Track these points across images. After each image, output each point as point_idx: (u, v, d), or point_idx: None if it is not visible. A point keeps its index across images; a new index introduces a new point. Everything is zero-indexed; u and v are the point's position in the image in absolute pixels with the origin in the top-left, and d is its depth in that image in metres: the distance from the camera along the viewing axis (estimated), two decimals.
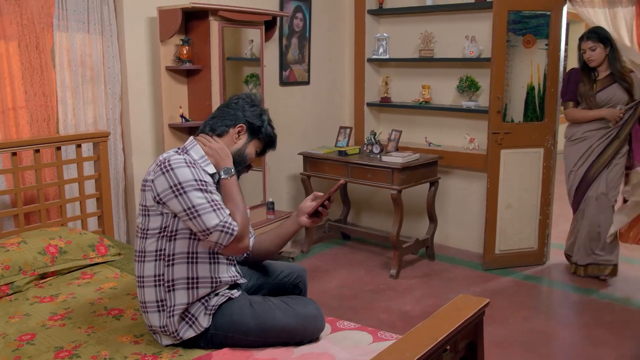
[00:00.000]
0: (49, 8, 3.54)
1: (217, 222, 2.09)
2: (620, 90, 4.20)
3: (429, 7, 5.07)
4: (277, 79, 5.06)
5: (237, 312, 2.24)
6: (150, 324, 2.27)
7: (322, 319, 2.35)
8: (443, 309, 2.09)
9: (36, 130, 3.55)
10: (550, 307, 4.09)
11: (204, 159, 2.25)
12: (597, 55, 4.19)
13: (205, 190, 2.12)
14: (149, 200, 2.18)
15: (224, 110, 2.35)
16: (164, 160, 2.15)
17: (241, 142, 2.33)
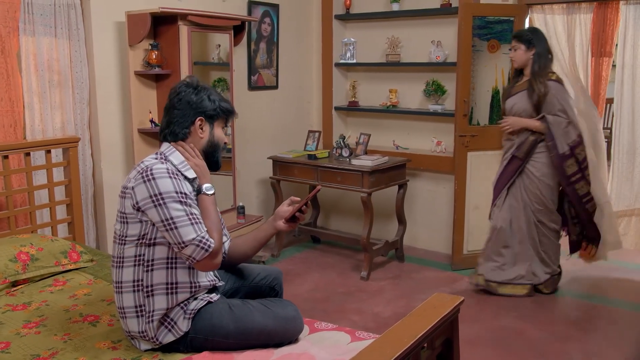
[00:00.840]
0: (14, 12, 3.49)
1: (194, 237, 2.10)
2: (525, 100, 4.03)
3: (396, 13, 5.15)
4: (245, 83, 5.07)
5: (217, 316, 2.25)
6: (129, 329, 2.26)
7: (301, 320, 2.37)
8: (420, 307, 2.13)
9: (2, 136, 3.49)
10: (518, 305, 4.18)
11: (183, 164, 2.25)
12: (518, 57, 4.08)
13: (184, 203, 2.12)
14: (128, 207, 2.17)
15: (174, 112, 2.28)
16: (146, 169, 2.14)
17: (206, 132, 2.31)
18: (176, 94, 2.28)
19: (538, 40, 4.04)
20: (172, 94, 2.31)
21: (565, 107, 4.00)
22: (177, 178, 2.16)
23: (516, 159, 4.13)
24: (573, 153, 4.01)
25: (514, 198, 4.17)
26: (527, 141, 4.08)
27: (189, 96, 2.26)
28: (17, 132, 3.57)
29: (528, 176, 4.12)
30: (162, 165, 2.16)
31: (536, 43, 4.03)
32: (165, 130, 2.30)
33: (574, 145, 4.00)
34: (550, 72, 4.04)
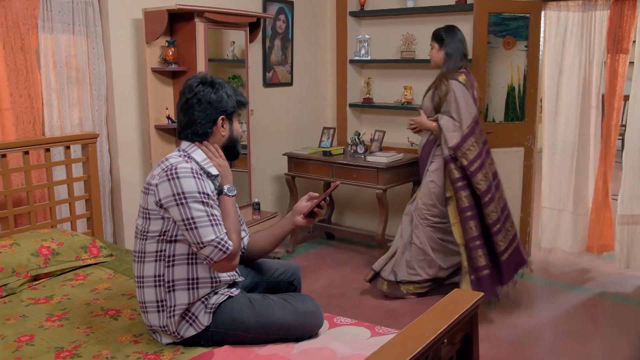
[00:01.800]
0: (33, 9, 3.52)
1: (213, 238, 2.12)
2: (428, 98, 4.00)
3: (410, 9, 5.14)
4: (260, 80, 5.09)
5: (237, 310, 2.27)
6: (150, 323, 2.28)
7: (321, 315, 2.39)
8: (440, 302, 2.15)
9: (22, 132, 3.53)
10: (532, 301, 4.19)
11: (206, 161, 2.27)
12: (432, 55, 4.04)
13: (206, 204, 2.14)
14: (151, 203, 2.19)
15: (194, 112, 2.27)
16: (170, 167, 2.16)
17: (227, 129, 2.33)
18: (193, 94, 2.26)
19: (450, 40, 3.95)
20: (187, 92, 2.28)
21: (459, 109, 3.81)
22: (200, 178, 2.18)
23: (421, 159, 4.12)
24: (456, 157, 3.82)
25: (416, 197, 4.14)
26: (428, 141, 4.05)
27: (209, 95, 2.25)
28: (36, 128, 3.60)
29: (430, 176, 4.03)
30: (186, 164, 2.18)
31: (447, 42, 3.94)
32: (187, 130, 2.29)
33: (455, 147, 3.79)
34: (460, 72, 3.90)
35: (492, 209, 3.80)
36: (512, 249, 3.92)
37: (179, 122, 2.33)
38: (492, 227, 3.80)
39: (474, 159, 3.79)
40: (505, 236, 3.88)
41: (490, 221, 3.80)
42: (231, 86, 2.34)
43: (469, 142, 3.80)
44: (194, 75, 2.33)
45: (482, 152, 3.84)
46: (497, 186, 3.91)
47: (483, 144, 3.89)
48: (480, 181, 3.79)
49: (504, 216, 3.91)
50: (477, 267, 3.81)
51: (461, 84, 3.86)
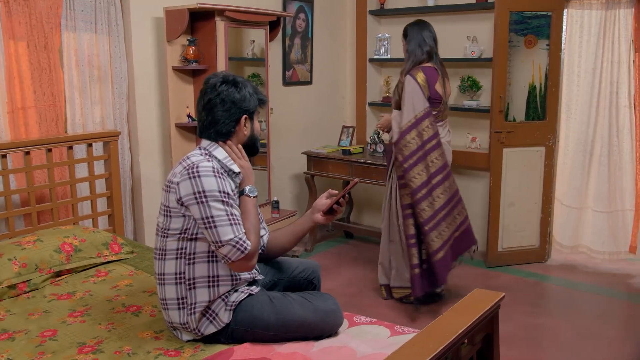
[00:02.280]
0: (57, 8, 3.56)
1: (232, 237, 2.12)
2: (396, 93, 3.95)
3: (431, 8, 5.12)
4: (280, 79, 5.10)
5: (258, 308, 2.28)
6: (171, 320, 2.30)
7: (341, 313, 2.39)
8: (461, 302, 2.13)
9: (45, 130, 3.57)
10: (552, 302, 4.15)
11: (227, 158, 2.28)
12: (403, 51, 4.00)
13: (226, 203, 2.14)
14: (172, 201, 2.20)
15: (217, 111, 2.26)
16: (192, 165, 2.17)
17: (249, 128, 2.34)
18: (217, 93, 2.25)
19: (412, 35, 3.90)
20: (209, 91, 2.27)
21: (403, 105, 3.76)
22: (221, 177, 2.18)
23: (387, 152, 4.09)
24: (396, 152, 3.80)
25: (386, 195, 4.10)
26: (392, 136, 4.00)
27: (233, 95, 2.25)
28: (58, 126, 3.64)
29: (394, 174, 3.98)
30: (208, 163, 2.18)
31: (409, 39, 3.91)
32: (209, 129, 2.29)
33: (395, 143, 3.78)
34: (419, 68, 3.82)
35: (423, 208, 3.72)
36: (446, 250, 3.82)
37: (200, 121, 2.32)
38: (423, 226, 3.73)
39: (409, 155, 3.72)
40: (440, 236, 3.78)
41: (421, 220, 3.73)
42: (252, 84, 2.34)
43: (407, 138, 3.72)
44: (215, 74, 2.33)
45: (422, 147, 3.74)
46: (438, 184, 3.80)
47: (426, 140, 3.76)
48: (414, 178, 3.72)
49: (441, 216, 3.79)
50: (411, 265, 3.82)
51: (414, 80, 3.76)
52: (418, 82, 3.75)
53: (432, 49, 3.90)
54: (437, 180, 3.79)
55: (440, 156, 3.82)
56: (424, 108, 3.75)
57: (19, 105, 3.48)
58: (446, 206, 3.83)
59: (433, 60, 3.89)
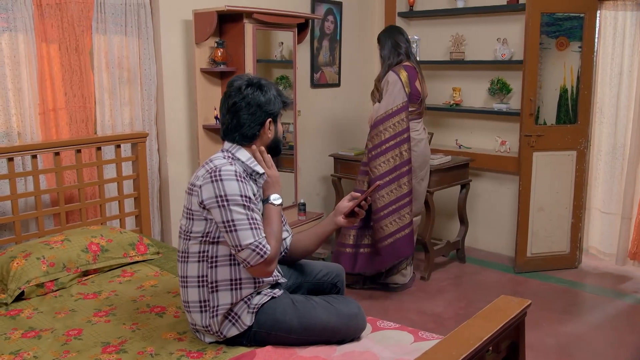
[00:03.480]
0: (88, 11, 3.61)
1: (252, 241, 2.11)
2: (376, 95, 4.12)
3: (460, 10, 5.06)
4: (308, 81, 5.10)
5: (280, 311, 2.27)
6: (194, 322, 2.30)
7: (364, 318, 2.37)
8: (486, 309, 2.10)
9: (75, 131, 3.62)
10: (583, 310, 4.06)
11: (251, 159, 2.28)
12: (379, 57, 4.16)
13: (247, 207, 2.14)
14: (194, 204, 2.20)
15: (242, 115, 2.24)
16: (215, 168, 2.16)
17: (273, 131, 2.33)
18: (242, 97, 2.23)
19: (383, 42, 4.08)
20: (234, 94, 2.25)
21: (382, 97, 3.99)
22: (243, 181, 2.17)
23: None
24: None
25: None
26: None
27: (258, 98, 2.24)
28: (88, 127, 3.69)
29: None
30: (231, 167, 2.18)
31: (382, 45, 4.09)
32: (234, 133, 2.28)
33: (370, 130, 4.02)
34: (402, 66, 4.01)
35: (384, 194, 3.94)
36: (396, 240, 3.99)
37: (224, 124, 2.31)
38: (375, 213, 3.94)
39: (378, 144, 3.95)
40: (392, 224, 3.97)
41: (379, 205, 3.93)
42: (275, 87, 2.33)
43: (379, 128, 3.95)
44: (239, 77, 2.31)
45: (390, 139, 3.94)
46: (401, 175, 3.97)
47: (399, 132, 3.95)
48: (375, 168, 3.96)
49: (397, 206, 3.98)
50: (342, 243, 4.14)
51: (396, 75, 3.96)
52: (400, 79, 3.94)
53: (407, 49, 4.09)
54: (402, 171, 3.96)
55: (408, 149, 3.99)
56: (403, 102, 3.95)
57: (50, 107, 3.54)
58: (403, 198, 4.00)
59: (411, 60, 4.07)
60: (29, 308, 2.65)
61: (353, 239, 4.06)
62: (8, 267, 2.75)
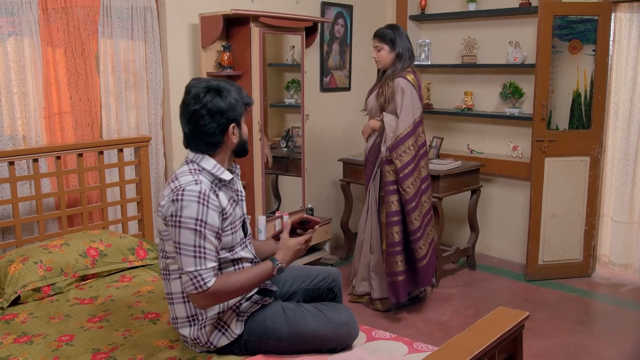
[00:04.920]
0: (94, 15, 3.62)
1: (191, 270, 2.04)
2: (373, 97, 3.84)
3: (472, 13, 4.99)
4: (317, 85, 5.06)
5: (270, 318, 2.23)
6: (184, 336, 2.27)
7: (356, 325, 2.32)
8: (480, 321, 2.04)
9: (80, 134, 3.62)
10: (595, 321, 3.96)
11: (216, 167, 2.18)
12: (382, 58, 3.78)
13: (199, 233, 2.04)
14: (161, 224, 2.15)
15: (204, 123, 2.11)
16: (178, 188, 2.08)
17: (237, 134, 2.21)
18: (201, 105, 2.11)
19: (400, 40, 3.76)
20: (193, 102, 2.12)
21: (403, 109, 3.66)
22: (206, 203, 2.07)
23: (369, 162, 3.92)
24: (391, 157, 3.68)
25: (369, 204, 3.92)
26: (374, 143, 3.86)
27: (219, 104, 2.11)
28: (94, 131, 3.69)
29: (377, 181, 3.85)
30: (195, 186, 2.07)
31: (398, 43, 3.75)
32: (197, 142, 2.16)
33: (391, 148, 3.66)
34: (407, 71, 3.75)
35: (415, 217, 3.72)
36: (430, 254, 3.86)
37: (185, 133, 2.19)
38: (414, 234, 3.72)
39: (407, 162, 3.66)
40: (425, 241, 3.81)
41: (413, 228, 3.72)
42: (235, 87, 2.20)
43: (406, 144, 3.65)
44: (196, 81, 2.18)
45: (416, 156, 3.71)
46: (424, 191, 3.79)
47: (420, 146, 3.74)
48: (408, 188, 3.67)
49: (425, 222, 3.82)
50: (393, 272, 3.75)
51: (410, 82, 3.70)
52: (414, 86, 3.71)
53: (414, 53, 3.92)
54: (424, 187, 3.79)
55: (426, 164, 3.83)
56: (420, 112, 3.75)
57: (55, 111, 3.54)
58: (428, 214, 3.86)
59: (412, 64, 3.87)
60: (24, 313, 2.64)
61: (402, 265, 3.77)
62: (6, 271, 2.75)
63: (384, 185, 3.74)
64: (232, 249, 2.23)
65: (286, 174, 4.84)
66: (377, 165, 3.85)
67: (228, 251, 2.21)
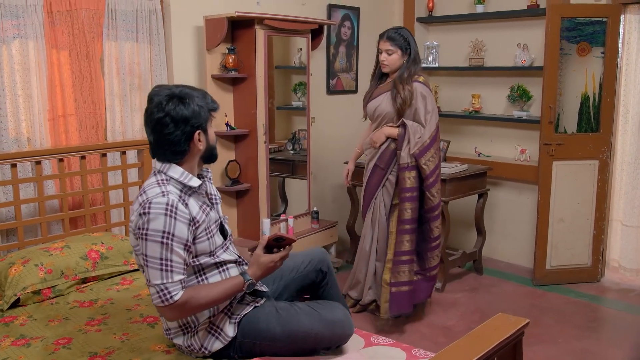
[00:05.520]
0: (99, 18, 3.62)
1: (158, 282, 2.02)
2: (388, 102, 3.67)
3: (480, 15, 4.95)
4: (324, 87, 5.04)
5: (263, 319, 2.22)
6: (180, 345, 2.26)
7: (350, 324, 2.31)
8: (479, 328, 2.00)
9: (85, 137, 3.62)
10: (603, 327, 3.91)
11: (184, 175, 2.14)
12: (392, 61, 3.66)
13: (165, 246, 2.01)
14: (133, 240, 2.13)
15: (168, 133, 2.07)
16: (145, 202, 2.05)
17: (204, 141, 2.16)
18: (164, 113, 2.06)
19: (413, 44, 3.68)
20: (156, 111, 2.07)
21: (428, 114, 3.60)
22: (173, 215, 2.03)
23: (378, 169, 3.79)
24: (417, 164, 3.57)
25: (376, 212, 3.82)
26: (387, 149, 3.73)
27: (182, 112, 2.06)
28: (98, 133, 3.70)
29: (387, 189, 3.76)
30: (162, 198, 2.03)
31: (412, 47, 3.67)
32: (163, 150, 2.13)
33: (419, 155, 3.55)
34: (420, 75, 3.68)
35: (438, 224, 3.69)
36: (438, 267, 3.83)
37: (150, 142, 2.15)
38: (434, 240, 3.71)
39: (434, 169, 3.61)
40: (439, 253, 3.79)
41: (433, 235, 3.69)
42: (199, 92, 2.16)
43: (432, 151, 3.59)
44: (158, 90, 2.13)
45: (439, 163, 3.69)
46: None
47: (439, 148, 3.75)
48: (437, 193, 3.64)
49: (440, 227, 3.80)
50: (398, 282, 3.65)
51: (428, 88, 3.66)
52: (430, 90, 3.68)
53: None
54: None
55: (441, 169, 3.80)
56: (437, 116, 3.69)
57: (60, 113, 3.55)
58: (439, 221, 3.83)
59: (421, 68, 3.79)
60: (24, 315, 2.64)
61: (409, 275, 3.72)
62: (6, 274, 2.76)
63: (400, 192, 3.64)
64: (213, 254, 2.21)
65: (292, 177, 4.83)
66: (388, 172, 3.77)
67: (209, 256, 2.19)
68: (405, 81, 3.62)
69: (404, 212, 3.62)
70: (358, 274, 3.97)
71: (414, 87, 3.61)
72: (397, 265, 3.65)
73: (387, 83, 3.76)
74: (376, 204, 3.82)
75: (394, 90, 3.64)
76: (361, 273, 3.95)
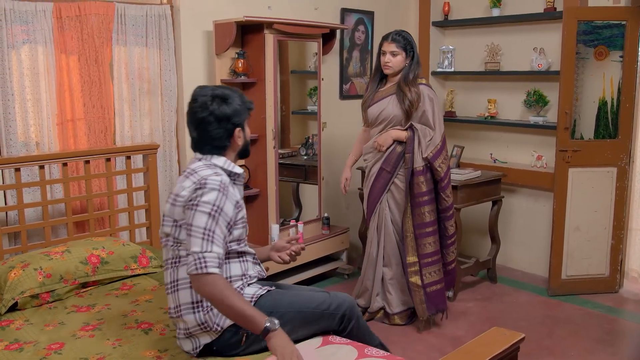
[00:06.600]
0: (108, 23, 3.63)
1: (197, 250, 2.09)
2: (394, 105, 3.64)
3: (496, 18, 4.86)
4: (337, 92, 5.00)
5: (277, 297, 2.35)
6: (187, 326, 2.24)
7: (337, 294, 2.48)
8: (472, 342, 1.95)
9: (93, 141, 3.64)
10: (619, 340, 3.78)
11: (227, 162, 2.30)
12: (396, 63, 3.65)
13: (212, 217, 2.13)
14: (179, 214, 2.21)
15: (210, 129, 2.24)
16: (202, 179, 2.17)
17: (242, 137, 2.34)
18: (209, 112, 2.23)
19: (415, 47, 3.72)
20: (200, 110, 2.24)
21: (437, 117, 3.66)
22: (224, 192, 2.17)
23: (384, 172, 3.75)
24: (430, 168, 3.63)
25: (382, 217, 3.79)
26: (394, 152, 3.70)
27: (225, 111, 2.24)
28: (107, 137, 3.71)
29: (393, 193, 3.75)
30: (217, 177, 2.19)
31: (415, 49, 3.70)
32: (205, 146, 2.30)
33: (432, 158, 3.59)
34: (423, 78, 3.75)
35: (452, 223, 3.79)
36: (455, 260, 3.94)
37: (193, 138, 2.33)
38: (450, 238, 3.80)
39: (447, 171, 3.70)
40: (456, 248, 3.92)
41: (449, 234, 3.79)
42: (238, 93, 2.33)
43: (443, 153, 3.67)
44: (201, 91, 2.30)
45: (449, 164, 3.77)
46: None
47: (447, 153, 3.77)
48: (451, 193, 3.74)
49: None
50: (431, 282, 3.75)
51: (433, 91, 3.72)
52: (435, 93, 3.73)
53: None
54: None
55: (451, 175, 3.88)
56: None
57: (69, 117, 3.57)
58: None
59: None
60: (20, 319, 2.65)
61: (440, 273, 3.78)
62: (6, 277, 2.77)
63: (415, 196, 3.65)
64: (240, 242, 2.33)
65: (305, 182, 4.79)
66: (394, 175, 3.75)
67: (237, 244, 2.31)
68: (411, 83, 3.64)
69: (422, 216, 3.67)
70: (366, 281, 3.94)
71: (420, 89, 3.62)
72: (426, 267, 3.72)
73: (389, 86, 3.75)
74: (381, 208, 3.80)
75: (400, 92, 3.63)
76: (369, 280, 3.92)
